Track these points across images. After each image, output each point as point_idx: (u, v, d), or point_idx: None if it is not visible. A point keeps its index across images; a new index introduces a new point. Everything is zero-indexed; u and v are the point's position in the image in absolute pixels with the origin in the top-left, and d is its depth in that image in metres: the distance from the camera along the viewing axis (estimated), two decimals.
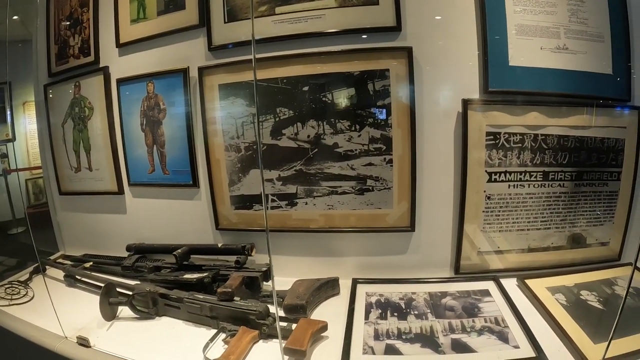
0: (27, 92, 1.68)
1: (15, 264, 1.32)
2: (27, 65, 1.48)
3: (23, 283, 1.12)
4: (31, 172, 1.73)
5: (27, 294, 1.08)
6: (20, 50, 1.50)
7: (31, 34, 1.31)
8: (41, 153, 1.19)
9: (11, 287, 1.11)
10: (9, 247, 1.52)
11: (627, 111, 0.91)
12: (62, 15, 1.10)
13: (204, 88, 0.92)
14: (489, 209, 0.89)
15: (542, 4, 0.87)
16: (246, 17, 0.89)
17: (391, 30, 0.84)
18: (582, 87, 0.89)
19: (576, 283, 0.83)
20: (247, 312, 0.74)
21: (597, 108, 0.90)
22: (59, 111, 1.13)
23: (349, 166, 0.87)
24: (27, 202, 1.72)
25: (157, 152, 1.01)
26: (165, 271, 0.96)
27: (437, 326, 0.71)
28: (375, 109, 0.84)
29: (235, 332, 0.74)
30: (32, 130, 1.67)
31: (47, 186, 1.21)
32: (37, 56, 1.15)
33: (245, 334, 0.72)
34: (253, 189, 0.93)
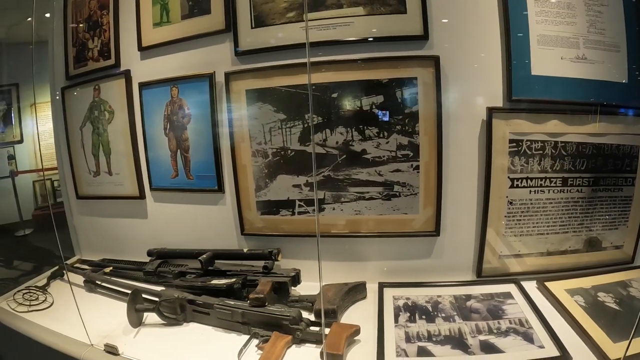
0: (35, 94, 1.68)
1: (32, 269, 1.33)
2: (36, 67, 1.48)
3: (41, 288, 1.14)
4: (39, 174, 1.74)
5: (46, 299, 1.10)
6: (28, 52, 1.51)
7: (39, 36, 1.31)
8: (57, 156, 1.20)
9: (29, 292, 1.13)
10: (22, 251, 1.53)
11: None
12: (81, 17, 1.11)
13: (230, 93, 0.95)
14: (510, 214, 0.95)
15: (562, 14, 0.92)
16: (273, 23, 0.92)
17: (419, 38, 0.88)
18: (600, 96, 0.95)
19: (593, 285, 0.90)
20: (281, 317, 0.78)
21: (613, 116, 0.96)
22: (77, 114, 1.14)
23: (376, 172, 0.92)
24: (35, 204, 1.74)
25: (180, 156, 1.04)
26: (190, 277, 1.00)
27: (465, 328, 0.77)
28: (403, 116, 0.88)
29: (267, 338, 0.78)
30: (40, 132, 1.67)
31: (64, 190, 1.23)
32: (53, 59, 1.16)
33: (279, 339, 0.76)
34: (280, 195, 0.98)
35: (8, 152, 1.64)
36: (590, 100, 0.95)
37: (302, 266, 0.98)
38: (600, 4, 0.95)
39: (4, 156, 1.65)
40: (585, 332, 0.72)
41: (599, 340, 0.71)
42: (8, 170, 1.64)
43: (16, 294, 1.13)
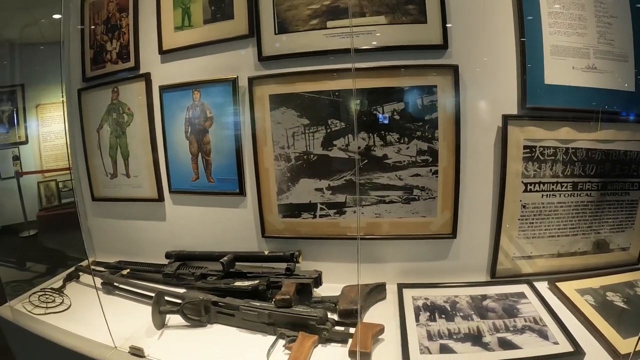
0: (40, 95, 1.70)
1: (45, 271, 1.35)
2: (42, 68, 1.50)
3: (57, 291, 1.17)
4: (44, 175, 1.75)
5: (63, 302, 1.13)
6: (34, 53, 1.53)
7: (45, 37, 1.33)
8: (72, 158, 1.23)
9: (44, 294, 1.16)
10: (33, 253, 1.54)
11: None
12: (98, 19, 1.14)
13: (253, 98, 0.99)
14: (523, 217, 1.01)
15: (574, 26, 0.99)
16: (297, 30, 0.96)
17: (438, 48, 0.94)
18: (608, 104, 1.02)
19: (602, 285, 0.97)
20: (308, 317, 0.83)
21: (621, 123, 1.03)
22: (94, 116, 1.17)
23: (397, 177, 0.97)
24: (40, 205, 1.75)
25: (202, 160, 1.08)
26: (211, 279, 1.04)
27: (483, 326, 0.83)
28: (423, 122, 0.94)
29: (294, 338, 0.83)
30: (44, 133, 1.69)
31: (78, 192, 1.25)
32: (69, 60, 1.18)
33: (306, 339, 0.81)
34: (302, 198, 1.02)
35: (13, 153, 1.65)
36: (600, 108, 1.03)
37: (321, 268, 1.03)
38: (609, 15, 1.02)
39: (9, 157, 1.66)
40: (596, 329, 0.79)
41: (610, 336, 0.77)
42: (13, 171, 1.65)
43: (31, 296, 1.16)
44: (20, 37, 1.38)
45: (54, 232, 1.76)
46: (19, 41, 1.56)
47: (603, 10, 1.01)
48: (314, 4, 0.96)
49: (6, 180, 1.72)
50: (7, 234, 1.68)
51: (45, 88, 1.65)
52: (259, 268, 1.06)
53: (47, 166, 1.80)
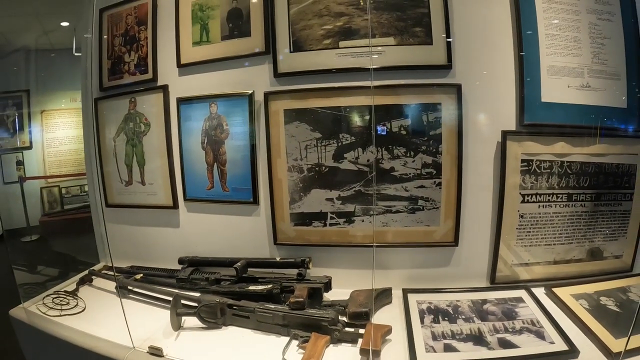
0: (45, 101, 1.80)
1: (57, 274, 1.44)
2: (47, 75, 1.60)
3: (71, 293, 1.25)
4: (47, 181, 1.84)
5: (77, 304, 1.21)
6: (41, 60, 1.62)
7: (52, 43, 1.43)
8: (87, 165, 1.32)
9: (58, 297, 1.24)
10: (46, 257, 1.63)
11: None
12: (117, 31, 1.24)
13: (269, 112, 1.10)
14: (521, 226, 1.13)
15: (569, 47, 1.11)
16: (311, 49, 1.08)
17: (443, 68, 1.05)
18: (601, 120, 1.14)
19: (596, 291, 1.08)
20: (320, 319, 0.93)
21: (613, 138, 1.15)
22: (110, 125, 1.27)
23: (403, 188, 1.09)
24: (42, 210, 1.84)
25: (217, 169, 1.18)
26: (225, 283, 1.13)
27: (484, 328, 0.94)
28: (428, 137, 1.05)
29: (307, 338, 0.92)
30: (49, 139, 1.79)
31: (92, 198, 1.35)
32: (87, 70, 1.28)
33: (319, 339, 0.91)
34: (313, 207, 1.13)
35: (17, 158, 1.74)
36: (593, 124, 1.15)
37: (329, 274, 1.13)
38: (603, 36, 1.14)
39: (13, 161, 1.75)
40: (590, 330, 0.90)
41: (603, 336, 0.88)
42: (17, 176, 1.74)
43: (45, 298, 1.24)
44: (36, 44, 1.48)
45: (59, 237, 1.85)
46: (27, 48, 1.65)
47: (597, 31, 1.13)
48: (327, 25, 1.07)
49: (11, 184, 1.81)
50: (12, 238, 1.76)
51: (51, 94, 1.75)
52: (270, 273, 1.16)
53: (51, 172, 1.89)
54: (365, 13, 1.06)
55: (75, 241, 1.68)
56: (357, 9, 1.07)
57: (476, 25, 1.08)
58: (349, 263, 1.16)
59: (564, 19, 1.11)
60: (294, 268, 1.13)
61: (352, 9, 1.07)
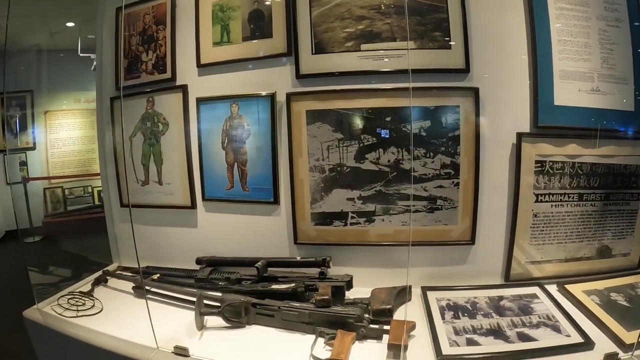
0: (49, 101, 1.81)
1: (71, 275, 1.46)
2: (54, 75, 1.62)
3: (86, 294, 1.28)
4: (50, 182, 1.85)
5: (94, 305, 1.24)
6: (46, 60, 1.64)
7: (57, 44, 1.46)
8: (101, 164, 1.35)
9: (73, 297, 1.27)
10: (57, 257, 1.64)
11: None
12: (134, 30, 1.27)
13: (291, 113, 1.15)
14: (535, 225, 1.20)
15: (580, 52, 1.19)
16: (333, 51, 1.13)
17: (461, 72, 1.12)
18: (611, 123, 1.22)
19: (605, 287, 1.16)
20: (346, 316, 0.98)
21: (621, 140, 1.23)
22: (126, 124, 1.30)
23: (422, 188, 1.15)
24: (45, 211, 1.85)
25: (237, 169, 1.22)
26: (246, 283, 1.17)
27: (502, 323, 1.01)
28: (447, 139, 1.11)
29: (333, 335, 0.97)
30: (52, 140, 1.80)
31: (106, 198, 1.37)
32: (102, 69, 1.31)
33: (345, 336, 0.96)
34: (334, 207, 1.19)
35: (20, 159, 1.76)
36: (603, 127, 1.23)
37: (352, 272, 1.19)
38: (612, 42, 1.22)
39: (17, 162, 1.76)
40: (603, 324, 0.98)
41: (615, 329, 0.96)
42: (20, 176, 1.75)
43: (60, 299, 1.27)
44: (47, 44, 1.50)
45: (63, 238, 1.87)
46: (32, 48, 1.67)
47: (606, 37, 1.22)
48: (349, 28, 1.13)
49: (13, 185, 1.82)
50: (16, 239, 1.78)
51: (55, 95, 1.77)
52: (290, 273, 1.21)
53: (54, 173, 1.91)
54: (386, 17, 1.13)
55: (81, 242, 1.70)
56: (379, 13, 1.13)
57: (492, 31, 1.15)
58: (368, 262, 1.22)
59: (575, 25, 1.19)
60: (315, 267, 1.18)
61: (374, 12, 1.13)
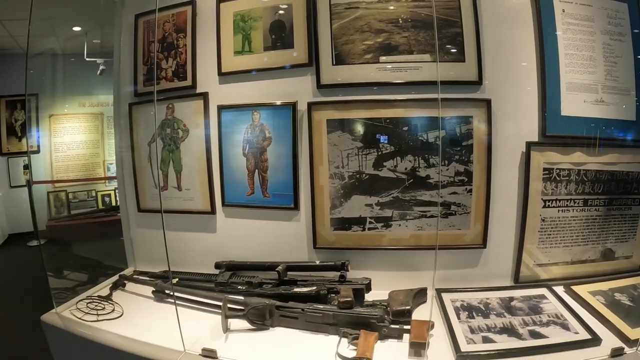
0: (53, 105, 1.87)
1: (87, 280, 1.52)
2: (59, 79, 1.68)
3: (105, 298, 1.34)
4: (54, 186, 1.90)
5: (114, 309, 1.31)
6: (50, 63, 1.70)
7: (63, 48, 1.52)
8: (118, 170, 1.41)
9: (92, 302, 1.33)
10: (71, 261, 1.69)
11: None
12: (153, 37, 1.34)
13: (312, 121, 1.23)
14: (543, 229, 1.32)
15: (585, 65, 1.31)
16: (353, 62, 1.23)
17: (474, 84, 1.23)
18: (614, 132, 1.35)
19: (610, 288, 1.28)
20: (369, 317, 1.08)
21: (624, 148, 1.36)
22: (145, 130, 1.37)
23: (437, 194, 1.24)
24: (49, 215, 1.90)
25: (258, 176, 1.30)
26: (267, 286, 1.26)
27: (515, 321, 1.12)
28: (461, 147, 1.22)
29: (356, 335, 1.07)
30: (57, 144, 1.86)
31: (122, 203, 1.44)
32: (119, 74, 1.37)
33: (368, 336, 1.06)
34: (353, 213, 1.29)
35: (24, 162, 1.81)
36: (606, 136, 1.35)
37: (369, 275, 1.28)
38: (615, 55, 1.35)
39: (21, 165, 1.81)
40: (608, 321, 1.09)
41: (620, 326, 1.07)
42: (24, 180, 1.80)
43: (78, 303, 1.33)
44: (63, 48, 1.55)
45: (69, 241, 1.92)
46: (39, 52, 1.72)
47: (610, 51, 1.34)
48: (368, 40, 1.23)
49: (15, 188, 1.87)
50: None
51: (60, 99, 1.83)
52: (309, 276, 1.30)
53: (58, 176, 1.96)
54: (403, 30, 1.23)
55: (88, 246, 1.76)
56: (396, 27, 1.23)
57: (503, 45, 1.26)
58: (384, 265, 1.32)
59: (581, 39, 1.31)
60: (334, 271, 1.28)
61: (392, 26, 1.23)
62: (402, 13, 1.23)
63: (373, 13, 1.23)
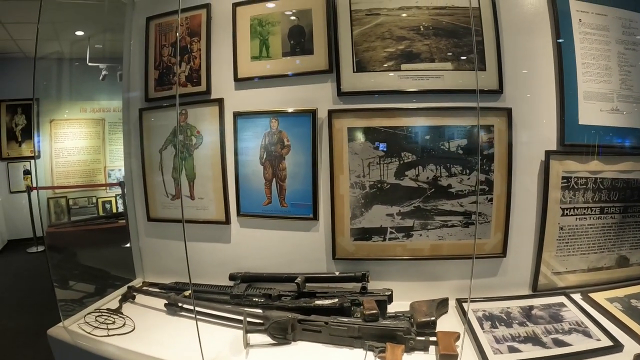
0: (54, 110, 1.85)
1: (94, 291, 1.50)
2: (59, 83, 1.67)
3: (115, 312, 1.34)
4: (54, 192, 1.88)
5: (125, 323, 1.31)
6: (50, 67, 1.69)
7: (64, 52, 1.52)
8: (126, 177, 1.41)
9: (101, 315, 1.33)
10: (77, 271, 1.67)
11: None
12: (166, 41, 1.35)
13: (332, 130, 1.26)
14: (561, 237, 1.38)
15: (601, 74, 1.38)
16: (374, 70, 1.26)
17: (495, 92, 1.28)
18: (629, 140, 1.42)
19: (626, 294, 1.36)
20: (395, 329, 1.11)
21: (639, 156, 1.43)
22: (156, 137, 1.37)
23: (458, 204, 1.30)
24: (49, 221, 1.88)
25: (275, 185, 1.32)
26: (286, 299, 1.28)
27: (537, 330, 1.17)
28: (482, 156, 1.27)
29: (382, 348, 1.10)
30: (57, 149, 1.85)
31: (131, 211, 1.44)
32: (129, 78, 1.37)
33: (395, 349, 1.09)
34: (374, 223, 1.32)
35: (24, 167, 1.79)
36: (622, 144, 1.43)
37: (390, 286, 1.32)
38: (630, 64, 1.43)
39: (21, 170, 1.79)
40: (628, 328, 1.16)
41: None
42: (24, 185, 1.78)
43: (86, 316, 1.32)
44: (70, 52, 1.54)
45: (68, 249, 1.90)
46: (42, 56, 1.70)
47: (624, 60, 1.42)
48: (390, 48, 1.27)
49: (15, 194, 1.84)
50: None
51: (61, 104, 1.82)
52: (327, 288, 1.33)
53: (58, 182, 1.94)
54: (425, 38, 1.27)
55: (91, 253, 1.75)
56: (418, 34, 1.27)
57: (523, 54, 1.32)
58: (404, 276, 1.36)
59: (597, 48, 1.38)
60: (354, 282, 1.31)
61: (413, 33, 1.27)
62: (424, 20, 1.27)
63: (394, 20, 1.27)
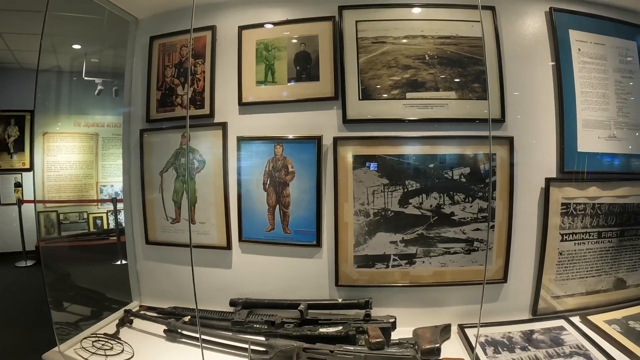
0: (48, 123, 1.87)
1: (90, 314, 1.52)
2: (54, 96, 1.70)
3: (112, 337, 1.36)
4: (44, 205, 1.90)
5: (123, 349, 1.33)
6: (46, 80, 1.72)
7: (61, 65, 1.56)
8: (125, 199, 1.44)
9: (98, 340, 1.35)
10: (71, 293, 1.68)
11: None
12: (169, 62, 1.39)
13: (337, 157, 1.33)
14: (560, 262, 1.47)
15: (599, 102, 1.49)
16: (379, 97, 1.33)
17: (497, 121, 1.36)
18: (625, 166, 1.53)
19: (624, 316, 1.46)
20: (402, 357, 1.17)
21: (635, 181, 1.54)
22: (157, 158, 1.41)
23: (461, 231, 1.38)
24: (38, 235, 1.89)
25: (279, 211, 1.38)
26: (289, 326, 1.33)
27: (540, 355, 1.26)
28: (484, 184, 1.35)
29: None
30: (49, 163, 1.86)
31: (129, 234, 1.46)
32: (130, 98, 1.41)
33: None
34: (377, 250, 1.39)
35: (15, 179, 1.80)
36: (618, 170, 1.53)
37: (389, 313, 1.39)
38: (626, 92, 1.54)
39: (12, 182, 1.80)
40: (627, 350, 1.25)
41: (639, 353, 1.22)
42: (15, 198, 1.80)
43: (83, 341, 1.34)
44: (72, 66, 1.57)
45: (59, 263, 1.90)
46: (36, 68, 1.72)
47: (621, 88, 1.53)
48: (395, 76, 1.34)
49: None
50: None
51: (55, 117, 1.84)
52: (330, 315, 1.39)
53: (49, 196, 1.95)
54: (430, 67, 1.35)
55: (82, 270, 1.76)
56: (423, 63, 1.35)
57: (524, 83, 1.41)
58: (406, 302, 1.43)
59: (595, 77, 1.49)
60: (357, 309, 1.37)
61: (419, 62, 1.35)
62: (429, 50, 1.36)
63: (400, 48, 1.35)
